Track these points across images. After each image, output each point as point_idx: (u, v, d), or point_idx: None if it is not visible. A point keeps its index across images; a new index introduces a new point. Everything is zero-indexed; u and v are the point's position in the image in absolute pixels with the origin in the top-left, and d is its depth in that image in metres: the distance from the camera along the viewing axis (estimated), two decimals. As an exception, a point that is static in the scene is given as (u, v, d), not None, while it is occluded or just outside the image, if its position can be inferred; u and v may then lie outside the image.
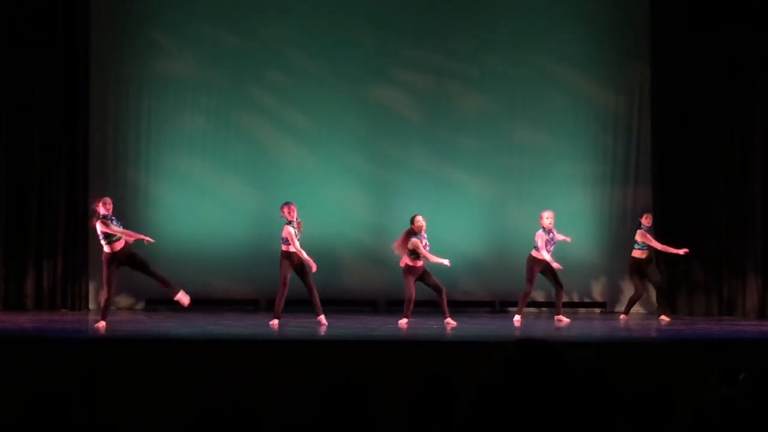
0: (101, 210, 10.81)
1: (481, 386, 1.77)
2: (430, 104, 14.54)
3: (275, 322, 11.39)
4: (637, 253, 12.80)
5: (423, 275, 11.69)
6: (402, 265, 11.70)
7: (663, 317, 12.70)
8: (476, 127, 14.54)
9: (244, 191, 14.37)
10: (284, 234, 11.39)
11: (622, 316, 13.00)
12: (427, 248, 11.61)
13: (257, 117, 14.45)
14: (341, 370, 3.80)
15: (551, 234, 12.27)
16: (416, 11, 14.58)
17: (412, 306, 11.60)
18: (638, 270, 12.80)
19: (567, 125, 14.54)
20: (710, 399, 3.90)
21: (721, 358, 8.03)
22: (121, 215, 13.38)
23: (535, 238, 12.24)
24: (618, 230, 14.46)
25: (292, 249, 11.37)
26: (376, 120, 14.48)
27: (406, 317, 11.54)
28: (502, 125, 14.55)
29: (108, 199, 10.99)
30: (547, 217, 12.30)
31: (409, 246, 11.55)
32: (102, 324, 10.68)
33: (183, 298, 11.01)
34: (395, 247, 11.73)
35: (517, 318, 12.28)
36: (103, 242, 10.86)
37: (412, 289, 11.62)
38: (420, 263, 11.63)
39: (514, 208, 14.33)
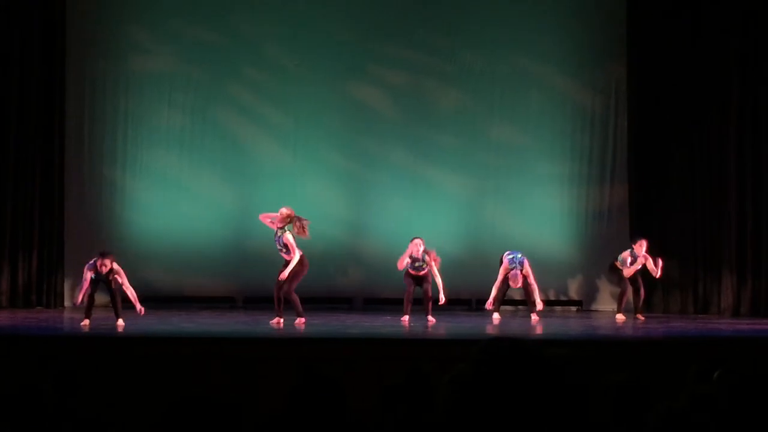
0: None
1: (456, 382, 1.78)
2: (408, 101, 14.54)
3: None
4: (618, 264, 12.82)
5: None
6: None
7: (639, 315, 12.75)
8: (454, 124, 14.55)
9: (221, 188, 14.32)
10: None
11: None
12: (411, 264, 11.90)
13: (234, 114, 14.40)
14: (317, 367, 3.79)
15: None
16: (395, 8, 14.56)
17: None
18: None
19: (544, 123, 14.57)
20: (685, 396, 3.92)
21: (696, 356, 8.07)
22: (96, 213, 13.33)
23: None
24: (594, 228, 14.50)
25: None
26: (354, 117, 14.47)
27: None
28: (480, 123, 14.57)
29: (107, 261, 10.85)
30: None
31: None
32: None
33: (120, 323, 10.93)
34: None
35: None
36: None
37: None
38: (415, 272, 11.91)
39: (492, 206, 14.35)
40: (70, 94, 13.90)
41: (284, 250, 11.25)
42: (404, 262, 11.82)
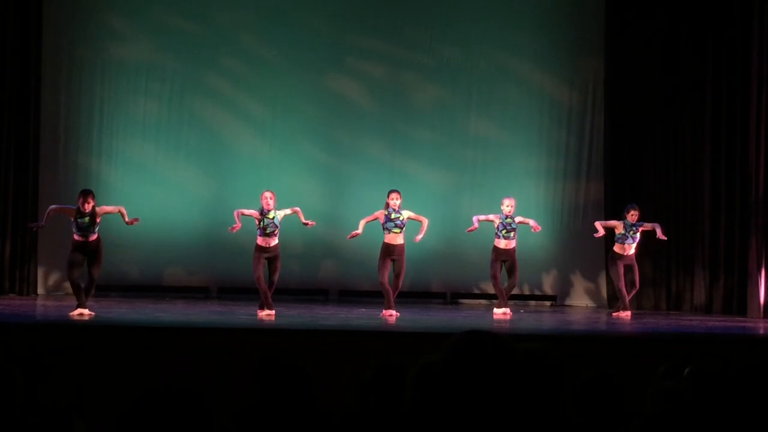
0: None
1: (428, 375, 1.78)
2: (385, 94, 14.55)
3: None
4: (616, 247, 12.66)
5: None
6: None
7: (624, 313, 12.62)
8: (431, 118, 14.56)
9: (197, 178, 14.28)
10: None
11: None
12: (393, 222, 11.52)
13: (211, 104, 14.36)
14: (289, 358, 3.79)
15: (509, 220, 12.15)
16: (374, 1, 14.56)
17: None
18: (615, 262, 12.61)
19: (521, 118, 14.61)
20: (656, 392, 3.95)
21: (667, 353, 8.12)
22: (71, 201, 13.25)
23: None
24: (570, 224, 14.56)
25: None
26: (331, 109, 14.46)
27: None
28: (457, 117, 14.59)
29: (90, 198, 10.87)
30: (507, 205, 12.22)
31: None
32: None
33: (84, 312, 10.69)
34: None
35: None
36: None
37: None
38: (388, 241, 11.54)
39: (468, 201, 14.38)
40: (46, 81, 13.81)
41: (276, 231, 11.18)
42: (367, 221, 11.51)
